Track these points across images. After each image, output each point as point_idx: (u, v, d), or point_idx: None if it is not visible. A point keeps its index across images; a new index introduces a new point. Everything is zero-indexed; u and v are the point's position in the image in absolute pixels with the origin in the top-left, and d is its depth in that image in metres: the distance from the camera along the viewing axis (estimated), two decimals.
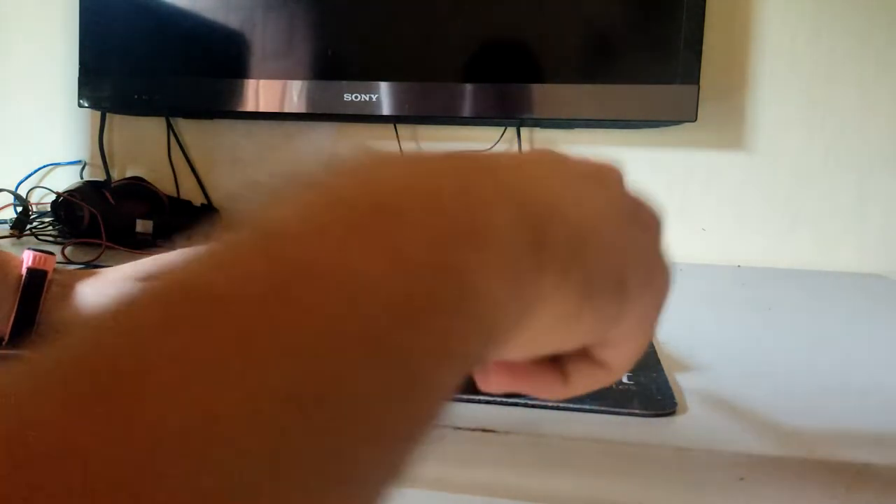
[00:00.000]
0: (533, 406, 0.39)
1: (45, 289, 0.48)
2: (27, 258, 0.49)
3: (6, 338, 0.47)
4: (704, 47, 0.88)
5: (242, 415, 0.12)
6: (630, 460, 0.34)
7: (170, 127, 1.11)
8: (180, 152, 1.12)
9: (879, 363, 0.52)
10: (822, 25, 0.94)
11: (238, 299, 0.13)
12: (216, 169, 1.12)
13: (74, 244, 0.91)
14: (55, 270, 0.50)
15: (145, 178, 1.08)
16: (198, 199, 1.11)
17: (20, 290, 0.47)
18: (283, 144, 1.09)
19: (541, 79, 0.91)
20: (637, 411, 0.38)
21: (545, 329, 0.21)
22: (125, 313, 0.13)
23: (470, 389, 0.37)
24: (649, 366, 0.47)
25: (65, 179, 1.13)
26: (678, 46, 0.87)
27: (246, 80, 0.97)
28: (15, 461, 0.10)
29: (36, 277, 0.48)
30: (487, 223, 0.17)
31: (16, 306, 0.47)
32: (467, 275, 0.16)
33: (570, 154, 0.23)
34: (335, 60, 0.96)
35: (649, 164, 1.00)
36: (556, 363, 0.25)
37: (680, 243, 1.01)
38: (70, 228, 0.93)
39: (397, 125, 1.05)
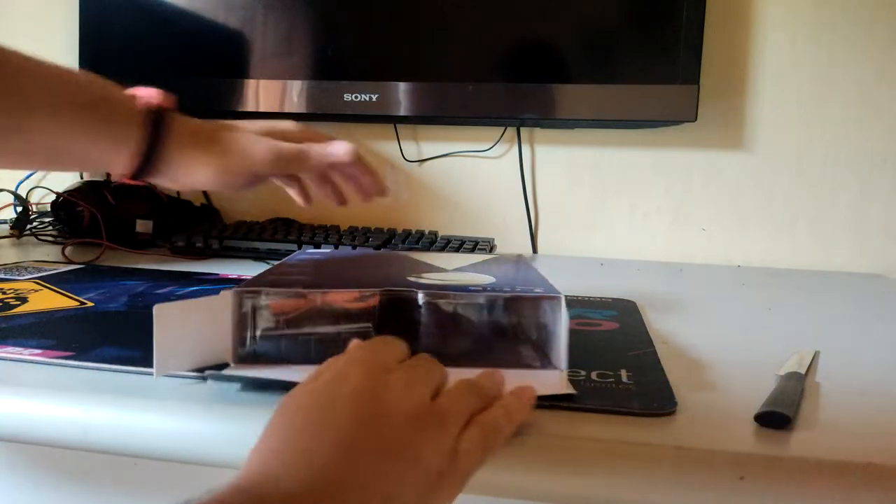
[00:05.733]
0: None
1: (166, 127, 0.48)
2: (149, 95, 0.49)
3: (132, 172, 0.47)
4: (704, 47, 0.88)
5: None
6: (630, 460, 0.34)
7: None
8: None
9: (879, 363, 0.52)
10: (821, 26, 0.94)
11: None
12: None
13: (74, 244, 0.91)
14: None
15: None
16: (198, 199, 1.11)
17: (148, 126, 0.47)
18: None
19: (541, 79, 0.91)
20: (637, 411, 0.38)
21: None
22: None
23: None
24: (649, 366, 0.47)
25: (65, 179, 1.13)
26: (678, 46, 0.87)
27: (246, 80, 0.98)
28: None
29: (160, 116, 0.48)
30: None
31: (146, 144, 0.47)
32: None
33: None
34: (335, 60, 0.96)
35: (649, 164, 1.00)
36: None
37: (680, 243, 1.01)
38: (70, 228, 0.93)
39: (397, 125, 1.05)
